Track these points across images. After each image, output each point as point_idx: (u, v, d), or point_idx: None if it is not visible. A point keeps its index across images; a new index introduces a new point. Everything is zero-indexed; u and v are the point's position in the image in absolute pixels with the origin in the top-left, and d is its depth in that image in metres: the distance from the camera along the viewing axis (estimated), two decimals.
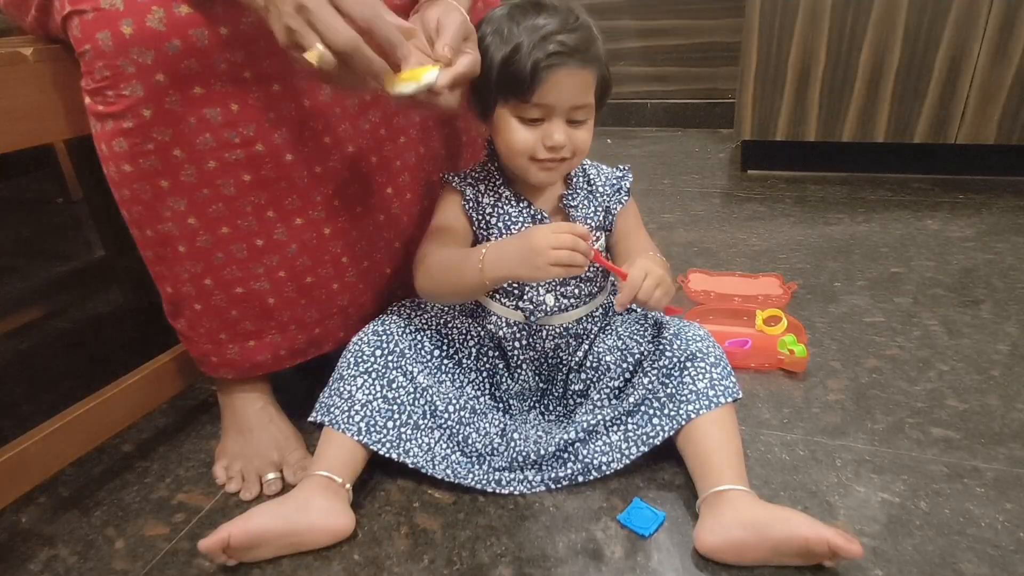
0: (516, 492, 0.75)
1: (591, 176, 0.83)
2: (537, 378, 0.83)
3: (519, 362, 0.81)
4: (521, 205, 0.79)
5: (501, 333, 0.81)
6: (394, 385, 0.77)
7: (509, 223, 0.78)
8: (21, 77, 0.65)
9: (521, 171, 0.76)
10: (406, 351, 0.79)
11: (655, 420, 0.75)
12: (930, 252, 1.32)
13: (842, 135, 1.71)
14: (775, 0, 1.62)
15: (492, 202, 0.79)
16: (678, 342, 0.77)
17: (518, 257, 0.68)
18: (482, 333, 0.82)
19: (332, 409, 0.76)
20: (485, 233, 0.79)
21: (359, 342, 0.80)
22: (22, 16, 0.70)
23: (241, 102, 0.68)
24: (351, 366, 0.78)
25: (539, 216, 0.78)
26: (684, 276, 1.23)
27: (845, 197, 1.65)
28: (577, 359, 0.82)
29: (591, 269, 0.81)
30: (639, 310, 0.86)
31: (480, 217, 0.79)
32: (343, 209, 0.79)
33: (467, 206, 0.79)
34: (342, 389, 0.77)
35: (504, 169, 0.80)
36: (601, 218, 0.81)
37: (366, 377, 0.77)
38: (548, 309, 0.79)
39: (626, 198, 0.83)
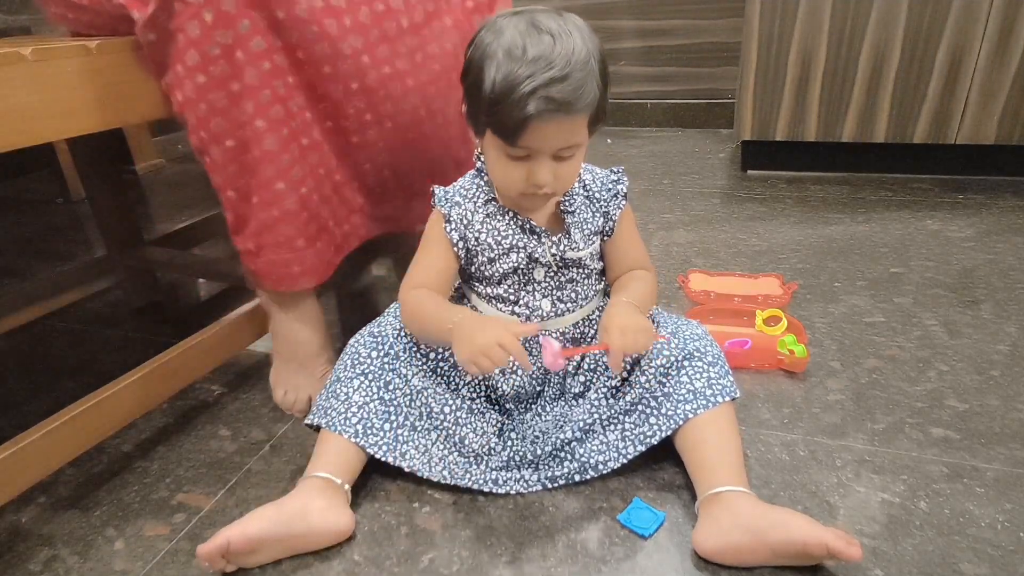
0: (513, 492, 0.75)
1: (586, 181, 0.81)
2: (533, 381, 0.82)
3: (515, 367, 0.81)
4: (508, 217, 0.78)
5: None
6: (390, 387, 0.77)
7: (499, 238, 0.77)
8: (21, 77, 0.65)
9: (508, 201, 0.77)
10: (400, 354, 0.79)
11: (652, 419, 0.75)
12: (930, 252, 1.32)
13: (842, 135, 1.71)
14: (775, 0, 1.62)
15: (482, 218, 0.78)
16: (676, 340, 0.77)
17: (468, 333, 0.66)
18: None
19: (329, 411, 0.76)
20: (476, 248, 0.78)
21: (356, 344, 0.80)
22: None
23: (287, 11, 0.74)
24: (348, 368, 0.78)
25: (528, 226, 0.77)
26: (684, 276, 1.23)
27: (845, 197, 1.65)
28: (574, 362, 0.81)
29: (585, 271, 0.81)
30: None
31: (470, 235, 0.78)
32: (373, 123, 0.84)
33: (449, 228, 0.78)
34: (339, 391, 0.77)
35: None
36: (600, 223, 0.81)
37: (362, 379, 0.77)
38: (544, 314, 0.79)
39: (623, 203, 0.82)
